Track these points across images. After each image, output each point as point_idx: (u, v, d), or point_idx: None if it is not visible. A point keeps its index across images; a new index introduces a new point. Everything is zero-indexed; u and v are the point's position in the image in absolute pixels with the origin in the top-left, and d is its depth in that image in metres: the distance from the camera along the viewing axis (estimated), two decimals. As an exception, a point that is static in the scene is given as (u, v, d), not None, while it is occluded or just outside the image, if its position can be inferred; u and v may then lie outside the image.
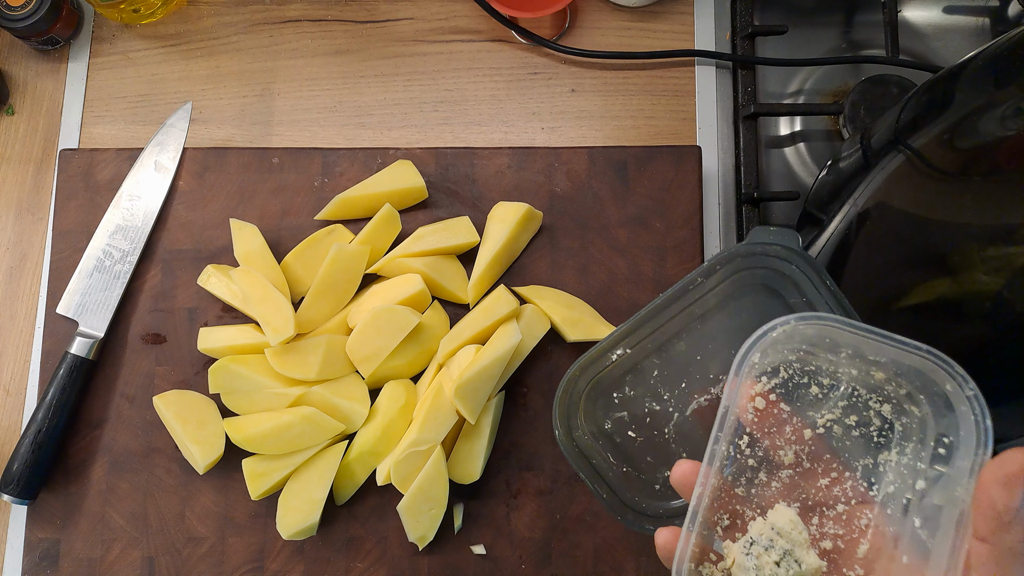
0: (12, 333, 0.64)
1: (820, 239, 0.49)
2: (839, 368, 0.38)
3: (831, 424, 0.38)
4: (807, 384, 0.38)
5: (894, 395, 0.37)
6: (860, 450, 0.38)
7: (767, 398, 0.37)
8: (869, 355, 0.37)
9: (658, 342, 0.45)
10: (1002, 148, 0.37)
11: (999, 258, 0.36)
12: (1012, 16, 0.71)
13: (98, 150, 0.65)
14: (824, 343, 0.37)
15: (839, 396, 0.38)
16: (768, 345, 0.36)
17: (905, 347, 0.34)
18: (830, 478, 0.37)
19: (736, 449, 0.38)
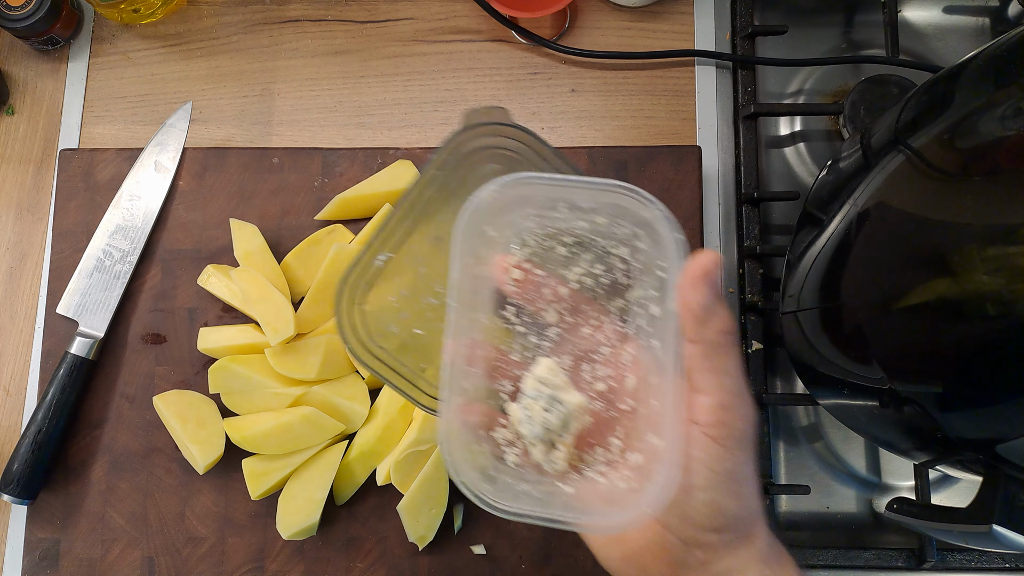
0: (12, 333, 0.64)
1: (820, 239, 0.49)
2: (572, 224, 0.40)
3: (582, 277, 0.40)
4: (553, 247, 0.41)
5: (623, 236, 0.40)
6: (613, 294, 0.41)
7: (521, 267, 0.40)
8: (581, 204, 0.39)
9: (415, 239, 0.46)
10: (1002, 148, 0.37)
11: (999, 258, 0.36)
12: (1012, 16, 0.71)
13: (98, 150, 0.65)
14: (544, 203, 0.40)
15: (583, 249, 0.41)
16: (490, 217, 0.39)
17: (597, 186, 0.37)
18: (591, 326, 0.40)
19: (504, 320, 0.40)
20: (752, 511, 0.37)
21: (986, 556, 0.60)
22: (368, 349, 0.47)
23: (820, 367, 0.51)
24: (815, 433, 0.66)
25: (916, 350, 0.42)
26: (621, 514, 0.34)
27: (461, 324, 0.37)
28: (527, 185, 0.38)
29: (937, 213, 0.40)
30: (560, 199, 0.39)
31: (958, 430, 0.41)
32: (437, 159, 0.46)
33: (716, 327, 0.34)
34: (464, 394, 0.38)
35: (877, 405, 0.46)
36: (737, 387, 0.35)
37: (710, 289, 0.34)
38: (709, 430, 0.35)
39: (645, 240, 0.39)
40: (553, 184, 0.38)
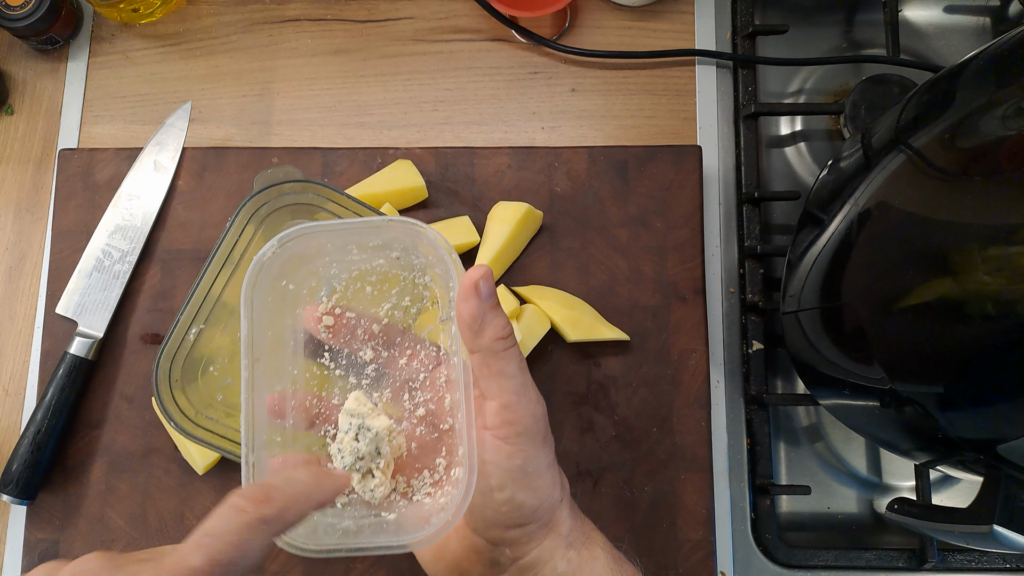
0: (11, 333, 0.64)
1: (821, 239, 0.49)
2: (372, 263, 0.42)
3: (392, 312, 0.42)
4: (361, 287, 0.42)
5: (421, 265, 0.42)
6: (424, 322, 0.43)
7: (333, 314, 0.41)
8: (370, 243, 0.41)
9: (229, 306, 0.48)
10: (1003, 148, 0.37)
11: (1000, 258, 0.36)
12: (1013, 15, 0.71)
13: (97, 150, 0.64)
14: (339, 249, 0.41)
15: (389, 285, 0.43)
16: (284, 274, 0.40)
17: (373, 224, 0.39)
18: (406, 356, 0.42)
19: (321, 368, 0.42)
20: (550, 501, 0.39)
21: (987, 557, 0.60)
22: (197, 423, 0.48)
23: (821, 367, 0.51)
24: (816, 433, 0.66)
25: (917, 350, 0.42)
26: (428, 528, 0.35)
27: (259, 380, 0.38)
28: (309, 235, 0.39)
29: (938, 213, 0.40)
30: (349, 242, 0.41)
31: (959, 430, 0.41)
32: (238, 221, 0.47)
33: (490, 335, 0.36)
34: (275, 447, 0.39)
35: (878, 405, 0.46)
36: (517, 386, 0.37)
37: (478, 300, 0.36)
38: (496, 432, 0.37)
39: (440, 265, 0.40)
40: (334, 230, 0.39)
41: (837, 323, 0.48)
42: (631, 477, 0.60)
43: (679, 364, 0.61)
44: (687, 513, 0.60)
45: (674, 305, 0.62)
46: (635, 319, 0.62)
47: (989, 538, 0.39)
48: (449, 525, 0.35)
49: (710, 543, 0.59)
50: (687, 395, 0.61)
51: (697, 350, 0.61)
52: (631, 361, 0.61)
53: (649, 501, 0.60)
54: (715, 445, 0.62)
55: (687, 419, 0.61)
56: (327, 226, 0.39)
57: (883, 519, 0.64)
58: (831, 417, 0.65)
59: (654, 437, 0.60)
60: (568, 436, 0.60)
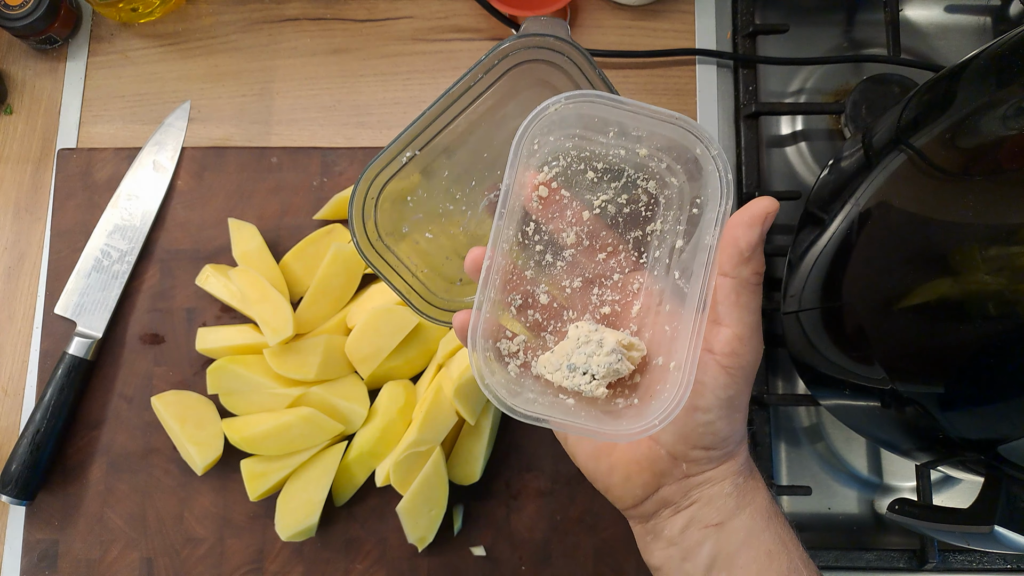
0: (10, 333, 0.64)
1: (822, 239, 0.48)
2: (609, 151, 0.41)
3: (606, 204, 0.42)
4: (584, 170, 0.42)
5: (657, 171, 0.41)
6: (631, 224, 0.42)
7: (549, 186, 0.40)
8: (632, 131, 0.40)
9: (444, 143, 0.46)
10: (1004, 147, 0.37)
11: (1001, 258, 0.36)
12: (1013, 15, 0.70)
13: (96, 149, 0.64)
14: (593, 123, 0.40)
15: (611, 177, 0.42)
16: (544, 130, 0.39)
17: (658, 116, 0.38)
18: (606, 252, 0.41)
19: (524, 235, 0.41)
20: (741, 434, 0.40)
21: (987, 557, 0.60)
22: (375, 247, 0.46)
23: (821, 367, 0.51)
24: (817, 434, 0.65)
25: (918, 350, 0.42)
26: (632, 425, 0.36)
27: (501, 235, 0.38)
28: (590, 103, 0.38)
29: (939, 213, 0.40)
30: (615, 122, 0.40)
31: (960, 430, 0.41)
32: (486, 62, 0.45)
33: (753, 267, 0.37)
34: (490, 304, 0.39)
35: (879, 405, 0.46)
36: (755, 322, 0.38)
37: (762, 231, 0.36)
38: (722, 359, 0.37)
39: (679, 176, 0.40)
40: (616, 106, 0.38)
41: (837, 323, 0.48)
42: (631, 477, 0.60)
43: (679, 364, 0.61)
44: (687, 513, 0.59)
45: (674, 305, 0.62)
46: (635, 319, 0.62)
47: (990, 538, 0.39)
48: (656, 428, 0.35)
49: (710, 544, 0.59)
50: (687, 395, 0.61)
51: (697, 350, 0.61)
52: (631, 361, 0.61)
53: (649, 501, 0.60)
54: (715, 445, 0.62)
55: (687, 419, 0.60)
56: (615, 100, 0.38)
57: (884, 519, 0.64)
58: (832, 417, 0.65)
59: (654, 437, 0.60)
60: (568, 436, 0.60)
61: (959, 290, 0.38)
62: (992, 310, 0.36)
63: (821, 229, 0.49)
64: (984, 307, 0.37)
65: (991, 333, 0.37)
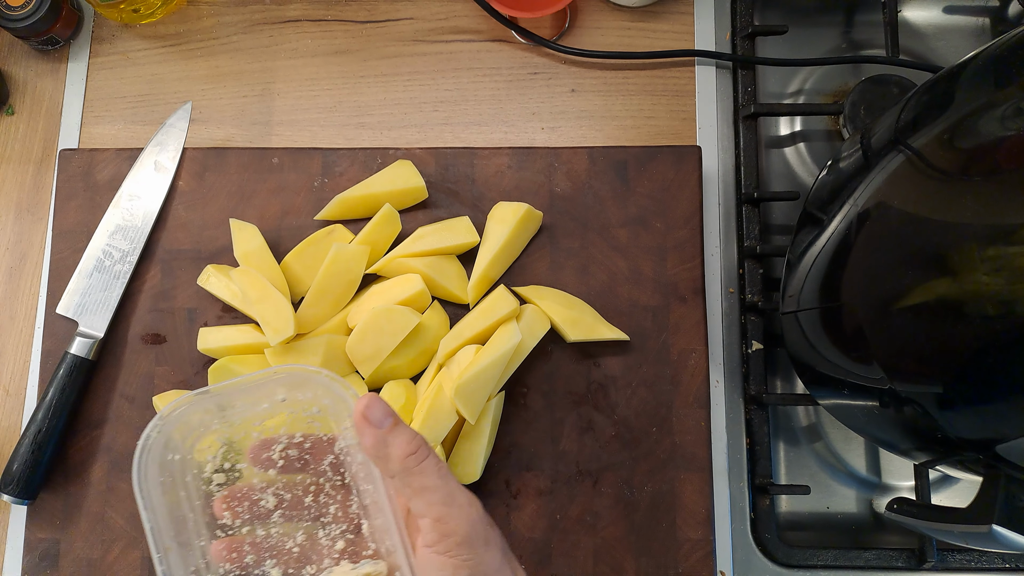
0: (12, 333, 0.64)
1: (820, 239, 0.49)
2: (252, 410, 0.41)
3: (286, 451, 0.40)
4: (245, 435, 0.41)
5: (305, 400, 0.41)
6: (320, 452, 0.41)
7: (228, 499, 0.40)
8: (257, 395, 0.40)
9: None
10: (1002, 148, 0.37)
11: (999, 258, 0.36)
12: (1012, 16, 0.71)
13: (98, 150, 0.65)
14: (217, 408, 0.40)
15: (275, 425, 0.41)
16: (171, 446, 0.39)
17: (253, 383, 0.38)
18: (311, 493, 0.41)
19: (225, 526, 0.40)
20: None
21: (986, 556, 0.60)
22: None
23: (820, 367, 0.51)
24: (815, 433, 0.66)
25: (916, 350, 0.42)
26: None
27: (176, 570, 0.38)
28: (189, 409, 0.39)
29: (937, 213, 0.40)
30: (231, 402, 0.40)
31: (958, 430, 0.41)
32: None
33: (398, 455, 0.36)
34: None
35: (877, 405, 0.46)
36: (444, 496, 0.36)
37: (374, 429, 0.36)
38: (436, 548, 0.36)
39: (328, 396, 0.40)
40: (211, 395, 0.39)
41: (836, 323, 0.48)
42: (631, 477, 0.60)
43: (679, 364, 0.61)
44: (686, 513, 0.60)
45: (674, 305, 0.62)
46: (635, 319, 0.62)
47: (988, 538, 0.39)
48: None
49: (709, 543, 0.59)
50: (687, 395, 0.61)
51: (697, 350, 0.61)
52: (631, 361, 0.61)
53: (649, 501, 0.60)
54: (714, 445, 0.62)
55: (687, 419, 0.61)
56: (203, 394, 0.38)
57: (882, 519, 0.64)
58: (830, 417, 0.65)
59: (654, 437, 0.60)
60: (568, 436, 0.61)
61: (957, 290, 0.38)
62: (990, 310, 0.36)
63: (820, 229, 0.49)
64: (982, 307, 0.37)
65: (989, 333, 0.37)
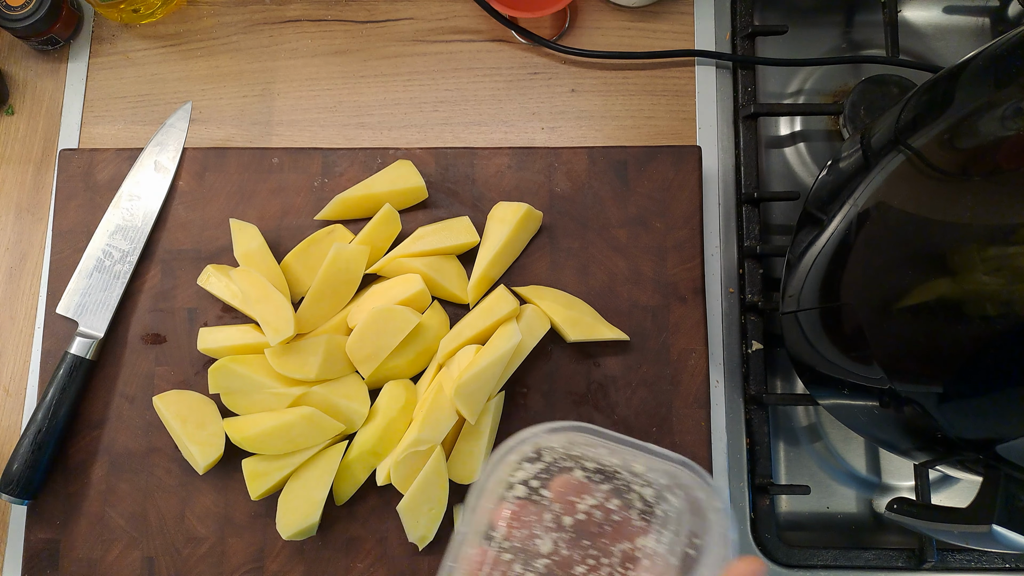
0: (12, 333, 0.64)
1: (820, 239, 0.49)
2: (601, 458, 0.37)
3: (593, 510, 0.37)
4: (571, 468, 0.37)
5: (655, 482, 0.37)
6: (620, 535, 0.37)
7: (520, 504, 0.37)
8: (627, 456, 0.37)
9: None
10: (1002, 148, 0.37)
11: (999, 258, 0.36)
12: (1012, 16, 0.71)
13: (98, 150, 0.65)
14: (585, 440, 0.37)
15: (602, 479, 0.37)
16: (517, 446, 0.36)
17: (656, 455, 0.35)
18: (587, 566, 0.37)
19: (491, 541, 0.37)
20: None
21: (986, 556, 0.60)
22: None
23: (820, 367, 0.51)
24: (815, 433, 0.66)
25: (916, 350, 0.42)
26: None
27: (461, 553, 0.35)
28: (577, 433, 0.36)
29: (937, 213, 0.40)
30: (606, 445, 0.37)
31: (958, 430, 0.41)
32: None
33: None
34: None
35: (877, 405, 0.46)
36: None
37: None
38: None
39: (680, 498, 0.36)
40: (611, 444, 0.36)
41: (836, 323, 0.48)
42: (631, 477, 0.60)
43: (679, 364, 0.61)
44: (687, 513, 0.60)
45: (674, 305, 0.62)
46: (635, 319, 0.62)
47: (988, 538, 0.39)
48: None
49: (710, 543, 0.59)
50: (686, 395, 0.61)
51: (696, 350, 0.61)
52: (631, 361, 0.61)
53: (649, 501, 0.60)
54: (714, 445, 0.62)
55: (686, 419, 0.61)
56: (609, 437, 0.35)
57: (882, 519, 0.64)
58: (830, 417, 0.65)
59: (654, 437, 0.60)
60: (568, 436, 0.61)
61: (957, 290, 0.38)
62: (990, 310, 0.36)
63: (820, 229, 0.49)
64: (982, 307, 0.37)
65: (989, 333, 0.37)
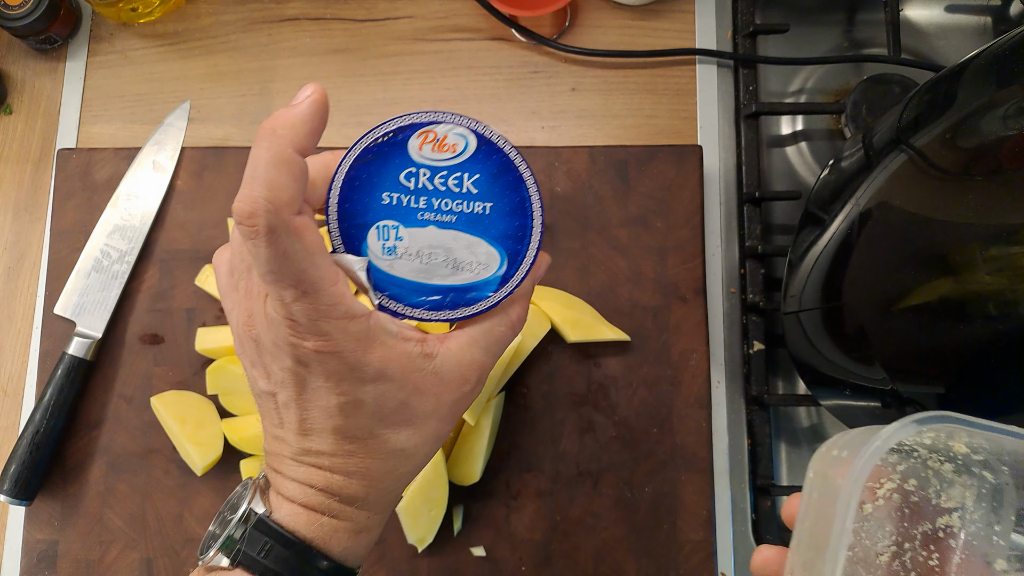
0: (10, 333, 0.64)
1: (822, 239, 0.48)
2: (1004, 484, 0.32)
3: (891, 493, 0.33)
4: (940, 463, 0.33)
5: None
6: (917, 517, 0.32)
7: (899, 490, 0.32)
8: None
9: None
10: (1004, 147, 0.37)
11: (1001, 258, 0.36)
12: (1014, 15, 0.70)
13: (96, 149, 0.64)
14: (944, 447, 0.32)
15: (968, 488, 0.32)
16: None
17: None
18: (888, 554, 0.33)
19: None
20: None
21: (988, 557, 0.60)
22: None
23: (822, 368, 0.51)
24: (817, 434, 0.65)
25: (918, 350, 0.42)
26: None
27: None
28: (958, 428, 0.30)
29: (939, 213, 0.40)
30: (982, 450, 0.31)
31: (961, 431, 0.41)
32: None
33: None
34: None
35: (879, 406, 0.46)
36: None
37: None
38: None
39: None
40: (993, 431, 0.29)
41: (838, 323, 0.48)
42: (631, 478, 0.60)
43: (679, 364, 0.61)
44: (687, 514, 0.59)
45: (674, 305, 0.62)
46: (635, 319, 0.62)
47: (990, 539, 0.39)
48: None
49: (711, 544, 0.59)
50: (687, 395, 0.61)
51: (697, 350, 0.61)
52: (631, 361, 0.61)
53: (649, 502, 0.60)
54: (716, 446, 0.62)
55: (687, 419, 0.60)
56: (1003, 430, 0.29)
57: (884, 520, 0.64)
58: (832, 418, 0.65)
59: (654, 437, 0.60)
60: (568, 437, 0.60)
61: (960, 290, 0.38)
62: (993, 310, 0.36)
63: (821, 229, 0.49)
64: (985, 307, 0.37)
65: (992, 333, 0.37)
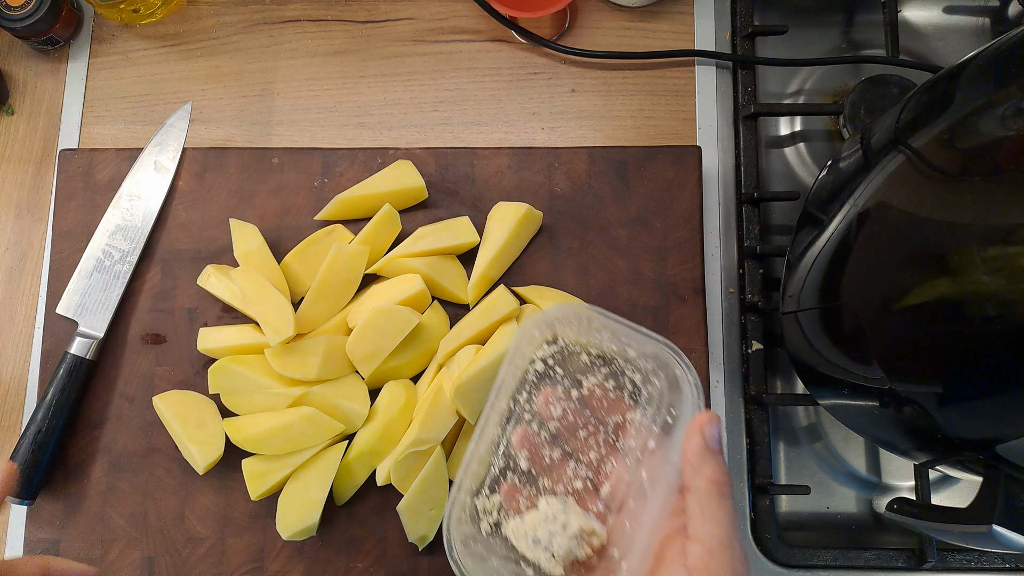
0: (12, 333, 0.64)
1: (820, 239, 0.49)
2: (603, 344, 0.47)
3: (595, 387, 0.47)
4: (579, 353, 0.48)
5: (642, 368, 0.47)
6: (613, 409, 0.46)
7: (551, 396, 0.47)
8: (622, 338, 0.46)
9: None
10: (1002, 148, 0.37)
11: (999, 258, 0.36)
12: (1012, 16, 0.71)
13: (98, 150, 0.65)
14: (590, 324, 0.47)
15: (603, 363, 0.48)
16: (541, 325, 0.47)
17: (646, 336, 0.44)
18: (587, 431, 0.46)
19: (516, 403, 0.47)
20: None
21: (986, 556, 0.60)
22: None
23: (820, 367, 0.51)
24: (815, 433, 0.66)
25: (916, 350, 0.42)
26: None
27: (495, 407, 0.46)
28: (586, 312, 0.45)
29: (937, 213, 0.40)
30: (606, 328, 0.46)
31: (958, 430, 0.41)
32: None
33: (707, 476, 0.38)
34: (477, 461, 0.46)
35: (877, 405, 0.46)
36: (725, 536, 0.37)
37: (703, 442, 0.38)
38: (695, 574, 0.37)
39: (662, 380, 0.45)
40: (610, 319, 0.45)
41: (836, 323, 0.48)
42: (631, 477, 0.60)
43: (679, 364, 0.61)
44: (687, 513, 0.59)
45: (673, 305, 0.62)
46: (634, 319, 0.61)
47: (988, 538, 0.39)
48: None
49: (710, 543, 0.59)
50: (687, 395, 0.61)
51: (696, 350, 0.61)
52: (631, 361, 0.61)
53: (649, 501, 0.60)
54: (715, 445, 0.62)
55: (687, 419, 0.61)
56: (608, 317, 0.45)
57: (882, 519, 0.64)
58: (830, 417, 0.65)
59: (654, 437, 0.60)
60: (568, 436, 0.61)
61: (957, 290, 0.38)
62: (990, 310, 0.36)
63: (820, 229, 0.49)
64: (983, 307, 0.37)
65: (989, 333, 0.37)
